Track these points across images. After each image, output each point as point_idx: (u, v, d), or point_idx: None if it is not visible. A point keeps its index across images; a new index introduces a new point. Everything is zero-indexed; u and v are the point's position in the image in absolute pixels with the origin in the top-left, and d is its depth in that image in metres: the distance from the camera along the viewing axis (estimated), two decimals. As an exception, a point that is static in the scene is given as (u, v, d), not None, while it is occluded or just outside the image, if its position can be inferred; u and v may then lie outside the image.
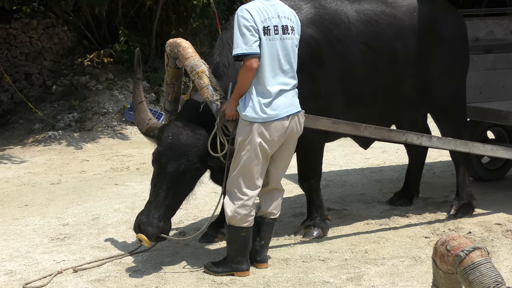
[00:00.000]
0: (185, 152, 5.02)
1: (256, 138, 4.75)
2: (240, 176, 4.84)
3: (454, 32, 6.23)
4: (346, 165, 8.97)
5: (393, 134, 5.78)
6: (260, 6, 4.76)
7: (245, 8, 4.72)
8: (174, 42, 5.28)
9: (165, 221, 5.10)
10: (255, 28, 4.68)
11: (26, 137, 11.85)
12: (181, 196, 5.21)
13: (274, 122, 4.77)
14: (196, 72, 5.07)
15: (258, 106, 4.74)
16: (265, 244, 5.16)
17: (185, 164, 5.02)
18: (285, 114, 4.81)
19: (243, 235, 4.91)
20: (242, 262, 4.96)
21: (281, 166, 5.06)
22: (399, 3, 5.98)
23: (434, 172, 8.16)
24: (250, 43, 4.65)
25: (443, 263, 3.60)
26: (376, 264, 5.11)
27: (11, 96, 13.33)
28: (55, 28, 14.25)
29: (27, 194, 8.08)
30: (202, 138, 5.05)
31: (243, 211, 4.84)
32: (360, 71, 5.70)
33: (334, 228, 6.02)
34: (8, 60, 13.58)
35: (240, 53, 4.67)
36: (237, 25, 4.70)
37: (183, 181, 5.09)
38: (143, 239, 5.02)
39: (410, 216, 6.34)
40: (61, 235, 6.16)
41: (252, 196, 4.87)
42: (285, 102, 4.82)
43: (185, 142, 5.04)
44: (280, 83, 4.82)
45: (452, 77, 6.24)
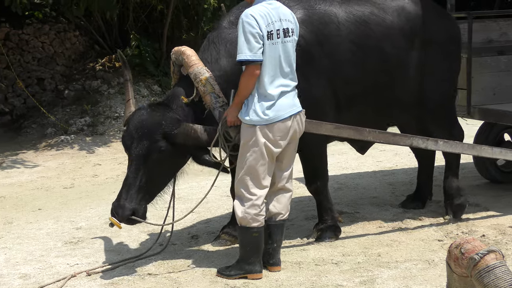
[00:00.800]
0: (147, 132, 5.06)
1: (261, 139, 4.81)
2: (247, 177, 4.88)
3: (443, 34, 6.19)
4: (358, 168, 8.95)
5: (398, 139, 5.76)
6: (264, 10, 4.80)
7: (250, 14, 4.74)
8: (179, 50, 5.37)
9: (137, 203, 5.07)
10: (260, 34, 4.72)
11: (39, 141, 11.90)
12: (152, 178, 5.15)
13: (277, 123, 4.84)
14: (199, 79, 5.14)
15: (260, 109, 4.80)
16: (277, 246, 5.17)
17: (147, 144, 5.05)
18: (287, 114, 4.89)
19: (255, 235, 4.94)
20: (255, 263, 4.97)
21: (285, 166, 5.10)
22: (388, 4, 5.97)
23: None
24: (255, 49, 4.70)
25: (457, 266, 3.59)
26: (389, 267, 5.10)
27: (24, 101, 13.40)
28: (67, 33, 14.32)
29: (41, 198, 8.11)
30: (163, 118, 5.08)
31: (253, 210, 4.88)
32: (350, 71, 5.70)
33: (347, 231, 6.01)
34: (20, 65, 13.65)
35: (244, 59, 4.73)
36: (242, 31, 4.73)
37: (150, 162, 5.08)
38: (114, 222, 5.01)
39: (423, 219, 6.31)
40: (74, 238, 6.18)
41: (261, 195, 4.91)
42: (286, 103, 4.89)
43: (147, 122, 5.09)
44: (281, 85, 4.88)
45: (441, 80, 6.19)
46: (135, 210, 5.06)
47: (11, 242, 6.15)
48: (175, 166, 5.37)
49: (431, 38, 6.07)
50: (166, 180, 5.39)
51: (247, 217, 4.88)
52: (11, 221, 6.96)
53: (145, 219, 5.17)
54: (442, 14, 6.41)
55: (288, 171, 5.15)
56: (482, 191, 7.26)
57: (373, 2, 5.93)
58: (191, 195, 7.70)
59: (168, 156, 5.15)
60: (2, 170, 10.06)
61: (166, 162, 5.19)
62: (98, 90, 13.34)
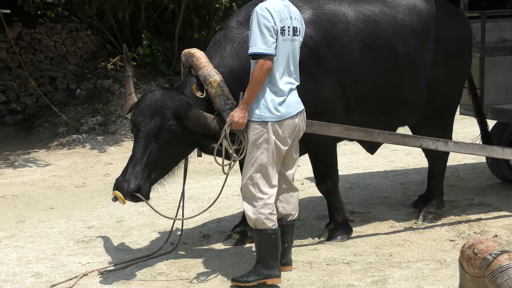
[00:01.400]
0: (159, 110, 5.05)
1: (272, 136, 4.74)
2: (258, 175, 4.76)
3: (455, 33, 6.16)
4: (370, 167, 8.93)
5: (407, 140, 5.73)
6: (278, 6, 4.72)
7: (265, 7, 4.65)
8: (189, 53, 5.36)
9: (143, 179, 4.99)
10: (275, 28, 4.63)
11: (51, 140, 11.96)
12: (159, 159, 5.08)
13: (287, 120, 4.77)
14: (209, 82, 5.13)
15: (272, 105, 4.72)
16: (288, 246, 5.10)
17: (159, 121, 5.03)
18: (296, 111, 4.83)
19: (273, 237, 4.78)
20: (274, 267, 4.82)
21: (290, 164, 5.02)
22: (398, 3, 5.92)
23: (458, 175, 8.10)
24: (269, 43, 4.61)
25: (470, 267, 3.57)
26: (401, 268, 5.08)
27: (36, 100, 13.47)
28: (79, 33, 14.38)
29: (53, 197, 8.15)
30: (176, 99, 5.09)
31: (266, 210, 4.75)
32: (359, 71, 5.65)
33: (358, 231, 5.99)
34: (33, 64, 13.72)
35: (258, 52, 4.60)
36: (256, 24, 4.61)
37: (158, 140, 5.05)
38: (118, 196, 4.95)
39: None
40: (86, 237, 6.20)
41: (272, 194, 4.80)
42: (294, 100, 4.85)
43: (160, 101, 5.09)
44: (289, 82, 4.84)
45: (450, 80, 6.17)
46: (140, 186, 4.96)
47: (23, 240, 6.18)
48: (181, 151, 5.32)
49: (443, 37, 6.03)
50: (171, 164, 5.32)
51: (261, 217, 4.74)
52: (23, 219, 6.99)
53: (148, 199, 5.07)
54: (454, 12, 6.37)
55: (293, 169, 5.07)
56: (495, 191, 7.22)
57: (383, 0, 5.88)
58: (202, 194, 7.70)
59: (176, 138, 5.11)
60: (15, 169, 10.12)
61: (173, 144, 5.13)
62: (110, 89, 13.39)
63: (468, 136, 10.09)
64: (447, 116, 6.37)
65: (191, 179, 7.40)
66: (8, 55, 13.45)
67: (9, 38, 13.09)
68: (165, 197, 7.59)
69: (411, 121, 6.43)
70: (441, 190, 6.49)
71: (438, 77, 6.03)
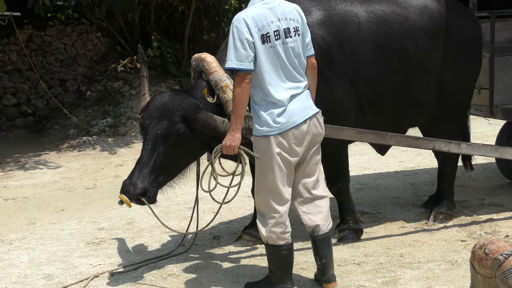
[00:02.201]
0: (167, 113, 5.00)
1: (275, 150, 4.43)
2: (269, 193, 4.53)
3: (466, 33, 6.14)
4: (380, 168, 8.92)
5: (420, 142, 5.71)
6: (258, 12, 4.39)
7: (242, 17, 4.35)
8: (199, 57, 5.33)
9: (149, 182, 4.95)
10: (250, 41, 4.31)
11: (61, 142, 12.01)
12: (166, 162, 5.03)
13: (291, 130, 4.44)
14: (220, 87, 5.09)
15: (270, 117, 4.41)
16: (327, 262, 4.75)
17: (167, 124, 4.98)
18: (302, 119, 4.48)
19: (284, 253, 4.61)
20: (286, 281, 4.69)
21: (308, 173, 4.67)
22: (410, 3, 5.90)
23: (469, 175, 8.06)
24: (241, 57, 4.30)
25: (481, 267, 3.56)
26: (411, 268, 5.07)
27: (47, 102, 13.54)
28: (89, 35, 14.44)
29: (63, 198, 8.18)
30: (185, 102, 5.03)
31: (278, 229, 4.54)
32: (371, 72, 5.63)
33: (369, 231, 5.98)
34: (43, 66, 13.79)
35: (230, 67, 4.35)
36: (231, 36, 4.36)
37: (166, 144, 5.00)
38: (124, 200, 4.93)
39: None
40: (97, 239, 6.22)
41: (284, 212, 4.55)
42: (299, 107, 4.49)
43: (168, 103, 5.03)
44: (290, 88, 4.48)
45: (461, 80, 6.15)
46: (146, 190, 4.94)
47: (34, 242, 6.21)
48: (191, 154, 5.27)
49: (453, 37, 6.01)
50: (179, 167, 5.28)
51: (272, 236, 4.55)
52: (34, 221, 7.02)
53: (154, 202, 5.08)
54: (464, 12, 6.35)
55: (313, 177, 4.70)
56: (505, 191, 7.19)
57: (395, 1, 5.86)
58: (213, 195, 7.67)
59: (184, 141, 5.06)
60: (25, 171, 10.17)
61: (182, 148, 5.08)
62: (120, 91, 13.42)
63: (478, 137, 10.07)
64: (458, 116, 6.35)
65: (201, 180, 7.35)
66: (18, 57, 13.52)
67: (20, 40, 13.16)
68: (175, 199, 7.61)
69: (422, 122, 6.42)
70: (451, 191, 6.47)
71: (448, 77, 6.01)
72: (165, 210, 7.16)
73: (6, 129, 12.92)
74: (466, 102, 6.43)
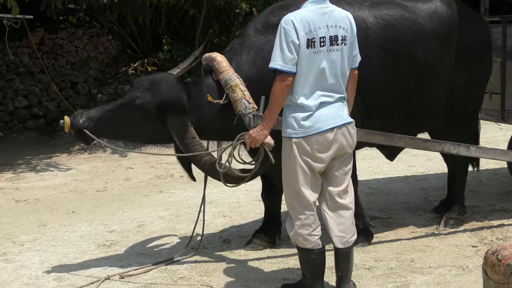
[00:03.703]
0: (150, 88, 5.23)
1: (297, 153, 4.41)
2: (293, 195, 4.51)
3: (475, 38, 6.09)
4: (390, 172, 8.90)
5: (428, 144, 5.70)
6: (308, 15, 4.36)
7: (291, 19, 4.32)
8: (210, 57, 5.37)
9: (95, 122, 5.21)
10: (296, 44, 4.30)
11: (72, 145, 12.05)
12: (124, 126, 5.29)
13: (314, 136, 4.38)
14: (230, 86, 5.13)
15: (295, 120, 4.40)
16: (342, 276, 4.64)
17: (143, 97, 5.20)
18: (328, 126, 4.40)
19: (313, 257, 4.56)
20: (317, 285, 4.63)
21: (333, 181, 4.57)
22: (419, 7, 5.86)
23: (480, 180, 8.04)
24: (286, 59, 4.30)
25: (494, 273, 3.55)
26: (422, 273, 5.05)
27: (58, 105, 13.59)
28: (100, 38, 14.49)
29: (74, 201, 8.21)
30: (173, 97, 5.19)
31: (304, 231, 4.50)
32: (379, 77, 5.60)
33: (379, 236, 5.97)
34: (54, 69, 13.84)
35: (274, 67, 4.35)
36: (278, 37, 4.34)
37: (132, 114, 5.22)
38: (66, 122, 5.19)
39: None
40: (107, 241, 6.24)
41: (310, 214, 4.50)
42: (327, 114, 4.41)
43: (157, 83, 5.27)
44: (322, 95, 4.41)
45: (471, 85, 6.11)
46: (87, 126, 5.18)
47: (45, 244, 6.23)
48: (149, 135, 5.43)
49: (463, 42, 5.97)
50: (131, 134, 5.42)
51: (298, 238, 4.53)
52: (45, 223, 7.05)
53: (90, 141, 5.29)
54: (474, 16, 6.31)
55: (339, 187, 4.58)
56: (517, 196, 7.18)
57: (403, 5, 5.82)
58: (222, 199, 7.72)
59: (148, 120, 5.21)
60: (37, 173, 10.21)
61: (145, 125, 5.26)
62: (131, 94, 13.44)
63: (489, 142, 10.03)
64: (468, 121, 6.32)
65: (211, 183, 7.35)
66: (30, 60, 13.58)
67: (32, 43, 13.22)
68: (186, 202, 7.64)
69: (431, 127, 6.39)
70: (462, 196, 6.45)
71: (458, 82, 5.98)
72: (175, 213, 7.18)
73: (18, 131, 12.98)
74: (476, 107, 6.40)
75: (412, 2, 5.87)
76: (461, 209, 6.35)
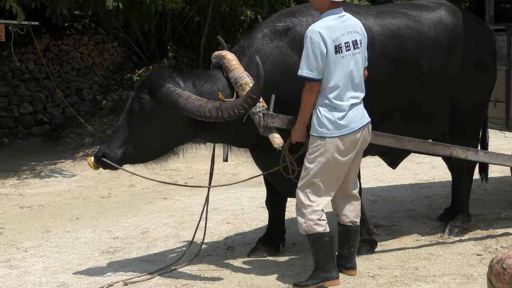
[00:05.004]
0: (139, 85, 5.31)
1: (330, 151, 4.80)
2: (310, 186, 4.85)
3: (480, 46, 6.08)
4: (395, 180, 8.89)
5: (437, 148, 5.69)
6: (331, 24, 4.79)
7: (317, 30, 4.73)
8: (219, 55, 5.38)
9: (112, 148, 5.30)
10: (323, 53, 4.71)
11: (77, 151, 12.07)
12: (135, 132, 5.28)
13: (348, 136, 4.82)
14: (239, 84, 5.14)
15: (329, 120, 4.78)
16: (354, 251, 5.20)
17: (135, 94, 5.26)
18: (358, 126, 4.87)
19: (325, 240, 4.90)
20: (331, 270, 4.94)
21: (351, 175, 5.07)
22: (424, 16, 5.86)
23: (485, 189, 8.02)
24: (312, 67, 4.72)
25: (498, 282, 3.53)
26: (426, 282, 5.03)
27: (63, 111, 13.64)
28: (105, 44, 14.55)
29: (78, 207, 8.22)
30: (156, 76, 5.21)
31: (315, 216, 4.84)
32: (384, 86, 5.59)
33: (383, 244, 5.96)
34: (60, 75, 13.89)
35: (301, 75, 4.76)
36: (305, 46, 4.76)
37: (134, 114, 5.25)
38: (89, 162, 5.37)
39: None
40: (111, 248, 6.24)
41: (321, 203, 4.88)
42: (356, 115, 4.87)
43: (144, 77, 5.38)
44: (352, 97, 4.86)
45: (476, 94, 6.09)
46: (106, 153, 5.26)
47: (49, 250, 6.24)
48: (165, 133, 5.33)
49: (468, 50, 5.94)
50: (151, 143, 5.39)
51: (310, 223, 4.85)
52: (49, 229, 7.06)
53: (118, 167, 5.40)
54: (479, 25, 6.30)
55: (354, 180, 5.15)
56: (522, 205, 7.15)
57: (408, 14, 5.82)
58: (226, 206, 7.72)
59: (152, 114, 5.20)
60: (41, 179, 10.23)
61: (150, 121, 5.23)
62: (135, 100, 13.47)
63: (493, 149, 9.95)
64: (472, 130, 6.29)
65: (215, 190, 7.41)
66: (36, 66, 13.63)
67: (37, 49, 13.28)
68: (190, 209, 7.64)
69: (435, 135, 6.38)
70: (467, 204, 6.42)
71: (463, 90, 5.97)
72: (179, 220, 7.18)
73: (23, 137, 13.02)
74: (481, 115, 6.38)
75: (417, 11, 5.86)
76: (466, 218, 6.33)
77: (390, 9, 5.88)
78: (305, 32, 4.87)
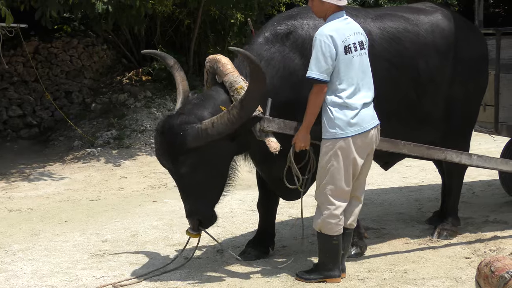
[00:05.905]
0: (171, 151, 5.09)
1: (345, 152, 4.88)
2: (329, 187, 4.94)
3: (474, 51, 6.14)
4: (384, 183, 8.91)
5: (432, 152, 5.72)
6: (339, 26, 4.90)
7: (327, 33, 4.82)
8: (214, 59, 5.31)
9: (199, 212, 5.37)
10: (333, 55, 4.81)
11: (66, 154, 12.02)
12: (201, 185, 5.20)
13: (360, 135, 4.92)
14: (235, 88, 5.09)
15: (342, 120, 4.86)
16: (345, 254, 5.26)
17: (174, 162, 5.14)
18: (370, 126, 4.97)
19: (334, 243, 5.02)
20: (334, 269, 5.07)
21: (361, 177, 5.15)
22: (421, 20, 5.91)
23: (473, 192, 8.06)
24: (321, 69, 4.80)
25: (487, 285, 3.55)
26: (415, 284, 5.05)
27: (52, 114, 13.58)
28: (95, 47, 14.51)
29: (67, 210, 8.18)
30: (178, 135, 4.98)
31: (333, 219, 4.95)
32: (383, 89, 5.61)
33: (373, 247, 5.97)
34: (49, 78, 13.85)
35: (310, 76, 4.83)
36: (315, 48, 4.82)
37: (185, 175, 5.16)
38: (191, 236, 5.43)
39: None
40: (100, 251, 6.22)
41: (340, 206, 4.97)
42: (368, 114, 4.98)
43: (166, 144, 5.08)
44: (364, 96, 4.97)
45: (469, 97, 6.15)
46: (200, 219, 5.36)
47: (38, 254, 6.21)
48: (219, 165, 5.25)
49: (462, 54, 6.00)
50: (218, 178, 5.31)
51: (326, 225, 4.97)
52: (38, 233, 7.02)
53: (211, 222, 5.47)
54: (473, 30, 6.36)
55: (363, 182, 5.23)
56: (510, 208, 7.17)
57: (406, 18, 5.86)
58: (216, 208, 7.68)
59: (201, 157, 5.04)
60: (30, 182, 10.18)
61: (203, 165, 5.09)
62: (125, 103, 13.46)
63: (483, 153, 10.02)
64: (464, 133, 6.33)
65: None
66: (24, 69, 13.58)
67: (26, 52, 13.23)
68: (179, 211, 7.60)
69: (429, 139, 6.39)
70: (456, 207, 6.45)
71: (456, 94, 6.01)
72: (168, 223, 7.16)
73: (11, 140, 12.96)
74: (474, 118, 6.41)
75: (414, 15, 5.92)
76: (455, 221, 6.35)
77: (388, 13, 5.93)
78: (306, 34, 4.94)
